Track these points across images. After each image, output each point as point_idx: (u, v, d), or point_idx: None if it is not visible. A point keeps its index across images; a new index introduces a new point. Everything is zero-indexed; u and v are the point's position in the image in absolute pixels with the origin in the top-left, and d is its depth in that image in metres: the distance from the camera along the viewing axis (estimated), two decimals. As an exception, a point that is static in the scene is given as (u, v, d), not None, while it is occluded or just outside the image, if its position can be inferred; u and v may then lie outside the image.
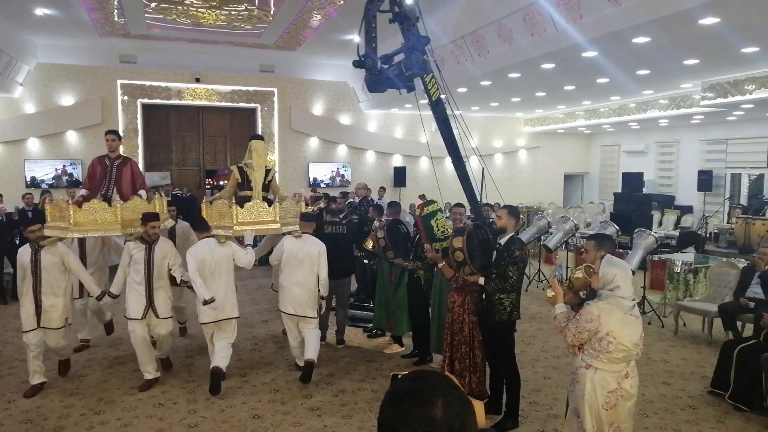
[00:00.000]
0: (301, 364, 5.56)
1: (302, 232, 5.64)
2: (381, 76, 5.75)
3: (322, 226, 6.33)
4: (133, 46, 13.79)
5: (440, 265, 4.91)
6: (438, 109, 6.03)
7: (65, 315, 5.32)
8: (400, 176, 17.01)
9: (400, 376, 1.23)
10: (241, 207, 5.55)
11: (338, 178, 17.02)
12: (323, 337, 6.39)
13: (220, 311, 5.19)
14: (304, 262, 5.52)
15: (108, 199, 5.83)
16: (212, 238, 5.33)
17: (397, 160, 17.39)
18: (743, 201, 14.93)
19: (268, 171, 6.28)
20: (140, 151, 14.93)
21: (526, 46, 9.23)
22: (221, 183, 14.64)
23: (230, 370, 5.54)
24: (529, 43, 9.11)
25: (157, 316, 5.33)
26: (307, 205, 6.67)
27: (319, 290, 5.59)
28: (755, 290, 6.30)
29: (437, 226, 5.36)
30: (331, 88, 16.65)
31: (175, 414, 4.73)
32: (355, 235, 6.74)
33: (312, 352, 5.41)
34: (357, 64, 5.68)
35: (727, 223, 13.05)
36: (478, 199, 6.17)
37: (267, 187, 6.26)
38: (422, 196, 5.76)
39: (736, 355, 5.05)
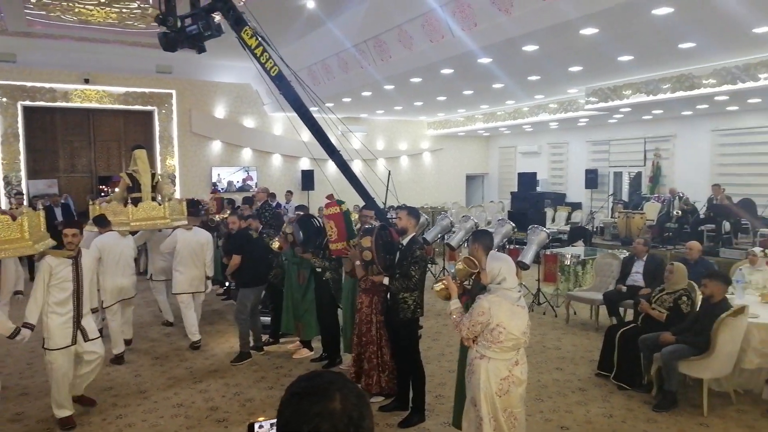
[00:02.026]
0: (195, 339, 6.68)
1: (191, 225, 7.00)
2: (180, 36, 5.75)
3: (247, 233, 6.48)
4: (12, 43, 12.70)
5: (357, 263, 4.95)
6: (284, 87, 6.02)
7: None
8: (308, 179, 16.93)
9: (296, 378, 1.26)
10: (125, 206, 6.85)
11: (250, 182, 16.66)
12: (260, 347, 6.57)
13: (126, 292, 6.32)
14: (196, 249, 6.79)
15: None
16: (115, 232, 6.34)
17: (305, 164, 17.30)
18: (624, 197, 16.28)
19: (153, 175, 7.66)
20: (22, 157, 13.81)
21: (426, 52, 9.52)
22: (117, 190, 13.86)
23: (128, 387, 5.28)
24: (428, 48, 9.41)
25: (86, 339, 4.64)
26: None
27: (206, 272, 6.91)
28: (635, 278, 6.92)
29: (354, 223, 5.44)
30: (233, 91, 16.26)
31: None
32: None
33: (196, 331, 6.73)
34: (159, 21, 5.76)
35: (611, 217, 14.16)
36: (370, 195, 6.28)
37: (154, 188, 7.55)
38: (330, 196, 5.77)
39: (618, 339, 5.52)
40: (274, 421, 1.36)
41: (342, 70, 12.08)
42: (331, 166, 17.37)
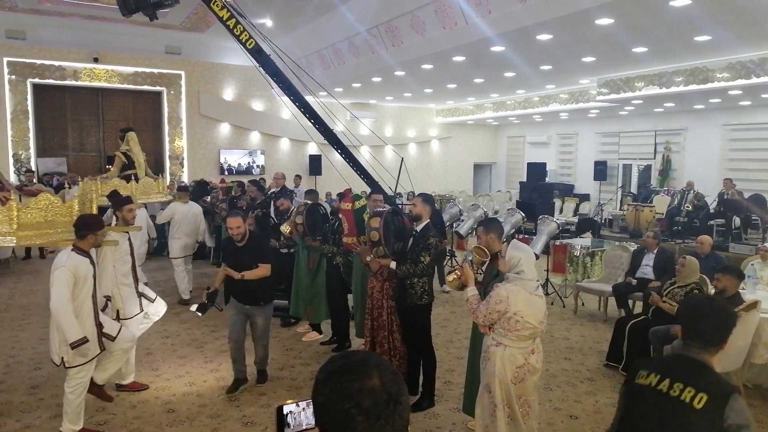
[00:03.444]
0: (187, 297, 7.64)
1: (187, 200, 7.94)
2: (140, 2, 5.90)
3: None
4: (22, 20, 12.68)
5: (368, 257, 4.97)
6: (262, 60, 5.99)
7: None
8: (315, 164, 16.92)
9: (329, 359, 1.27)
10: (128, 182, 7.05)
11: (255, 168, 16.67)
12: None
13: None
14: (190, 220, 7.76)
15: None
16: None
17: (313, 148, 17.27)
18: (633, 189, 16.23)
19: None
20: (31, 135, 13.82)
21: (438, 39, 9.46)
22: (112, 168, 14.00)
23: (140, 364, 5.34)
24: (441, 35, 9.34)
25: (113, 338, 4.33)
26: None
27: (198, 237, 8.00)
28: (645, 271, 6.92)
29: (367, 220, 5.40)
30: (242, 73, 16.19)
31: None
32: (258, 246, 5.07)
33: (186, 291, 7.75)
34: None
35: (620, 209, 14.13)
36: (374, 179, 6.28)
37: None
38: (349, 190, 5.78)
39: (627, 331, 5.54)
40: (306, 402, 1.37)
41: (353, 55, 12.02)
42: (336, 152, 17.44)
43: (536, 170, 17.11)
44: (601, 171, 16.84)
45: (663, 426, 2.03)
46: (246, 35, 5.87)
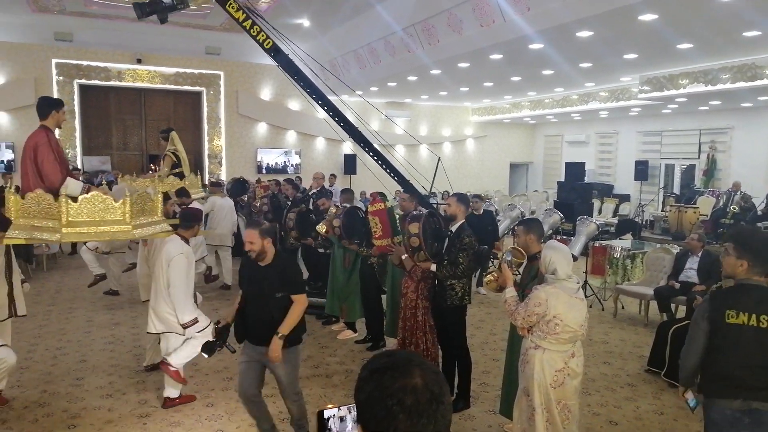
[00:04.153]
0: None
1: (223, 194, 9.05)
2: (154, 6, 5.88)
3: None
4: (70, 23, 13.11)
5: (404, 257, 4.96)
6: (281, 60, 6.05)
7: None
8: (350, 163, 16.99)
9: (372, 357, 1.27)
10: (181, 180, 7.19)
11: (290, 166, 16.86)
12: None
13: None
14: (227, 212, 8.72)
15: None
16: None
17: (348, 147, 17.35)
18: (676, 190, 15.76)
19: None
20: (78, 134, 14.30)
21: (475, 37, 9.37)
22: (164, 167, 14.34)
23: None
24: (477, 33, 9.26)
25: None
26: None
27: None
28: (688, 274, 6.70)
29: (398, 219, 5.41)
30: (279, 73, 16.16)
31: (125, 405, 4.62)
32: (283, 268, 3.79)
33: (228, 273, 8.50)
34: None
35: (662, 211, 13.74)
36: (406, 179, 6.25)
37: None
38: (375, 193, 5.80)
39: (670, 336, 5.36)
40: (348, 407, 1.36)
41: (389, 54, 12.02)
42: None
43: (575, 170, 16.80)
44: (642, 171, 16.41)
45: (765, 356, 2.58)
46: (263, 35, 5.98)
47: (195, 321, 4.42)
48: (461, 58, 10.87)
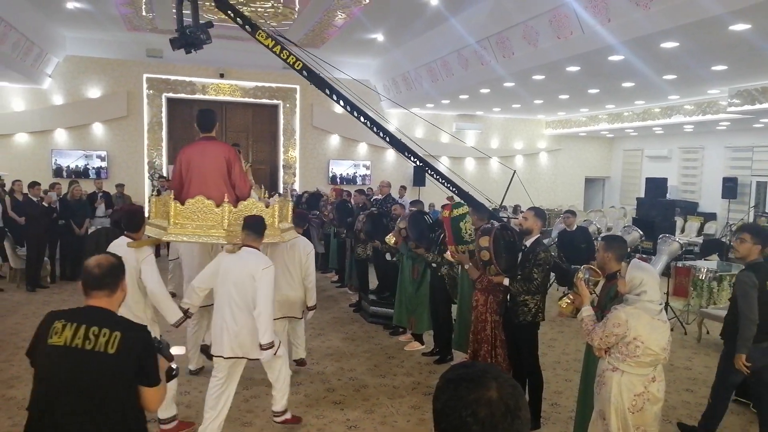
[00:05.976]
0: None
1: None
2: (188, 40, 6.33)
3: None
4: (160, 40, 13.97)
5: (467, 266, 4.93)
6: (314, 78, 6.36)
7: None
8: (419, 175, 17.01)
9: (450, 367, 1.28)
10: None
11: (359, 178, 17.15)
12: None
13: None
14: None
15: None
16: None
17: (417, 160, 17.39)
18: (768, 209, 14.69)
19: None
20: (164, 144, 15.15)
21: (551, 49, 9.19)
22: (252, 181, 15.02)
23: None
24: (554, 45, 9.08)
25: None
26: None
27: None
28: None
29: (465, 229, 5.30)
30: (352, 86, 16.57)
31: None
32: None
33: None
34: (180, 30, 6.34)
35: (752, 231, 12.84)
36: (465, 191, 6.21)
37: None
38: (450, 198, 5.78)
39: (761, 365, 5.02)
40: None
41: (461, 67, 11.99)
42: (444, 163, 17.42)
43: (656, 186, 16.01)
44: (730, 188, 15.40)
45: None
46: (293, 58, 6.54)
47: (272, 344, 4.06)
48: (536, 71, 10.67)
